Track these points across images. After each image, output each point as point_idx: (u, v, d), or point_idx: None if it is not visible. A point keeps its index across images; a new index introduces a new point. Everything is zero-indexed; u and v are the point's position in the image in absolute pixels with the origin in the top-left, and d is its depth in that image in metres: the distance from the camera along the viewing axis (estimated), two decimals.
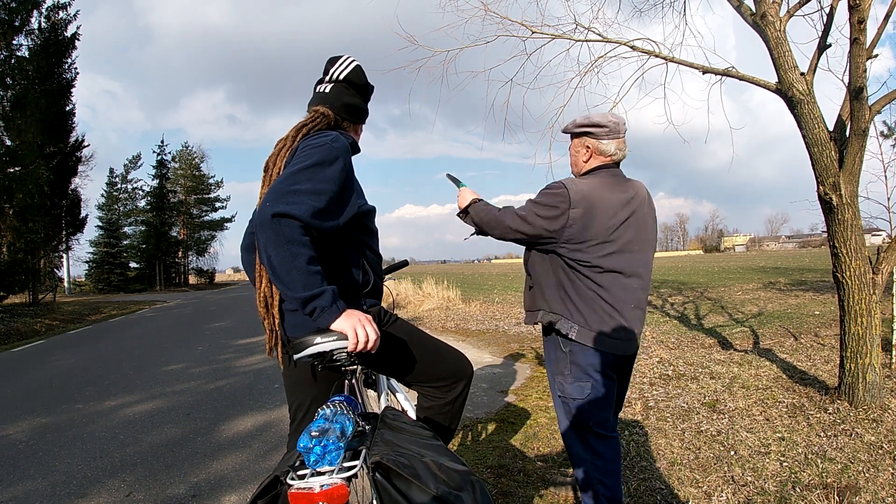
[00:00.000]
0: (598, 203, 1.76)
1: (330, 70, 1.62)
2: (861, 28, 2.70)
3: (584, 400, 1.80)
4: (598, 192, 1.78)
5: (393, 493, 1.03)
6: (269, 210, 1.19)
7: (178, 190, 39.73)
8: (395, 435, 1.20)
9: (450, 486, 1.04)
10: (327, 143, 1.39)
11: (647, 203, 1.90)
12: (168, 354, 7.01)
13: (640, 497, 2.28)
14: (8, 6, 13.38)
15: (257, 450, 3.18)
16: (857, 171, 3.05)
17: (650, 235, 1.89)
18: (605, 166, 1.88)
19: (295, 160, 1.34)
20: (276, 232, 1.19)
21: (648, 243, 1.87)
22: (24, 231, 14.61)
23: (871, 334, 3.08)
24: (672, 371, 4.31)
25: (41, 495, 2.66)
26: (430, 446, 1.19)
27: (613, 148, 1.86)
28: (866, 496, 2.18)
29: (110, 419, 3.97)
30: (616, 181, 1.85)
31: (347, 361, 1.33)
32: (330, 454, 1.04)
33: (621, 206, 1.79)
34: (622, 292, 1.78)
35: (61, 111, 16.90)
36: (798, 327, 6.04)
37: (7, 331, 10.53)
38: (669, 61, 4.01)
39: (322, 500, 1.01)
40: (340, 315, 1.25)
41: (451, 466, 1.10)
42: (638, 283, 1.81)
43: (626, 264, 1.78)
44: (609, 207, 1.77)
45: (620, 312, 1.78)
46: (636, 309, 1.81)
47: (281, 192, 1.23)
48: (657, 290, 11.96)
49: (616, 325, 1.77)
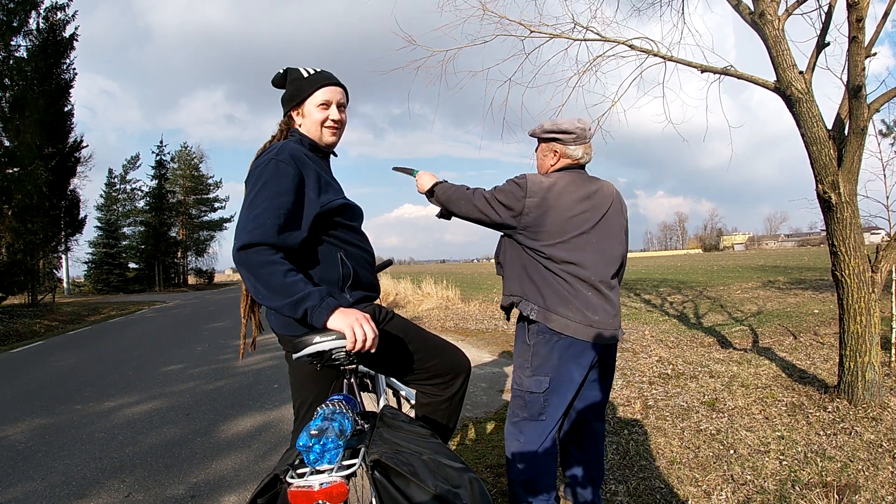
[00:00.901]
0: (556, 196, 1.83)
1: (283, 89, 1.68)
2: (859, 26, 2.70)
3: (541, 394, 1.82)
4: (557, 187, 1.85)
5: (392, 491, 1.04)
6: (236, 246, 1.29)
7: (177, 190, 39.74)
8: (394, 433, 1.20)
9: (448, 484, 1.04)
10: (271, 159, 1.41)
11: (615, 202, 1.96)
12: (167, 355, 7.00)
13: (640, 496, 2.28)
14: (6, 7, 13.36)
15: (257, 450, 3.18)
16: (855, 169, 3.05)
17: (615, 231, 1.93)
18: (570, 167, 1.95)
19: (248, 188, 1.40)
20: (248, 262, 1.28)
21: (613, 239, 1.92)
22: (23, 232, 14.58)
23: (870, 333, 3.08)
24: (671, 370, 4.31)
25: (40, 496, 2.65)
26: (429, 444, 1.19)
27: (581, 153, 1.93)
28: (866, 494, 2.18)
29: (109, 420, 3.97)
30: (580, 179, 1.92)
31: (346, 360, 1.33)
32: (329, 452, 1.05)
33: (580, 201, 1.85)
34: (580, 284, 1.81)
35: (60, 112, 16.88)
36: (797, 326, 6.04)
37: (6, 332, 10.52)
38: (668, 60, 4.01)
39: (321, 498, 1.01)
40: (333, 312, 1.26)
41: (449, 464, 1.10)
42: (597, 276, 1.84)
43: (583, 258, 1.82)
44: (567, 202, 1.84)
45: (580, 299, 1.81)
46: (600, 299, 1.84)
47: (242, 226, 1.31)
48: (656, 289, 11.97)
49: (576, 309, 1.80)
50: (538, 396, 1.82)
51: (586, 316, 1.80)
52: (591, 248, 1.85)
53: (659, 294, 10.75)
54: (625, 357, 4.95)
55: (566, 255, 1.81)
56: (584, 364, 1.83)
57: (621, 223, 1.98)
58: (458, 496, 1.03)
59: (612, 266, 1.90)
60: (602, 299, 1.84)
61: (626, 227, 2.03)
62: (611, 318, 1.85)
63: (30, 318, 12.63)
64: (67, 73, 17.09)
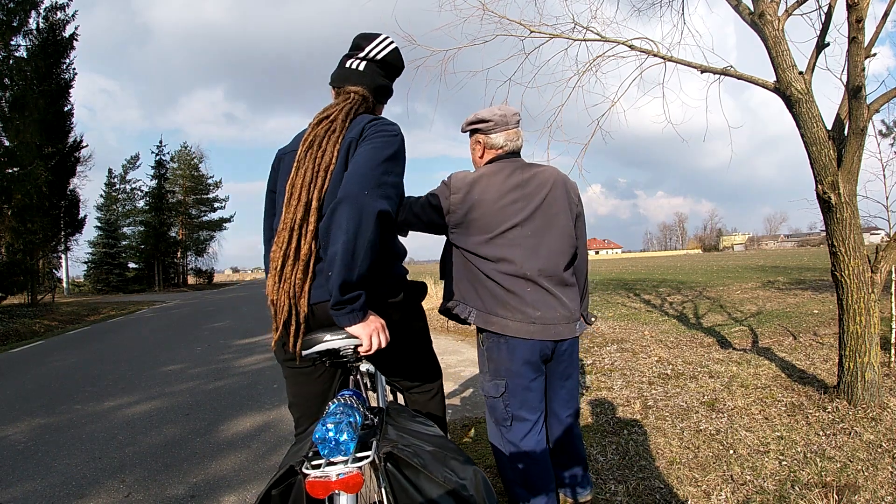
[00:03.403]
0: (481, 190, 1.79)
1: (365, 47, 1.56)
2: (859, 27, 2.70)
3: (499, 398, 1.80)
4: (484, 179, 1.80)
5: (403, 481, 1.08)
6: (375, 206, 1.21)
7: (177, 190, 39.71)
8: (401, 427, 1.24)
9: (455, 476, 1.09)
10: (398, 134, 1.41)
11: (554, 188, 1.85)
12: (167, 355, 7.00)
13: (639, 496, 2.28)
14: (6, 6, 13.35)
15: (256, 450, 3.18)
16: (855, 169, 3.05)
17: (558, 220, 1.84)
18: (498, 157, 1.90)
19: (372, 143, 1.34)
20: (376, 227, 1.21)
21: (555, 228, 1.83)
22: (23, 232, 14.59)
23: (869, 333, 3.09)
24: (671, 370, 4.31)
25: (39, 496, 2.65)
26: (434, 438, 1.23)
27: (503, 140, 1.88)
28: (865, 495, 2.18)
29: (109, 420, 3.97)
30: (510, 168, 1.84)
31: (353, 357, 1.35)
32: (343, 444, 1.07)
33: (509, 191, 1.79)
34: (514, 281, 1.76)
35: (60, 112, 16.88)
36: (797, 326, 6.05)
37: (6, 331, 10.51)
38: (668, 60, 4.01)
39: (338, 487, 1.05)
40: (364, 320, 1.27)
41: (454, 457, 1.15)
42: (535, 270, 1.77)
43: (516, 252, 1.76)
44: (494, 194, 1.78)
45: (518, 296, 1.75)
46: (541, 294, 1.78)
47: (376, 183, 1.25)
48: (656, 289, 11.98)
49: (513, 308, 1.75)
50: (498, 401, 1.81)
51: (526, 314, 1.74)
52: (526, 240, 1.77)
53: (658, 294, 10.76)
54: (624, 357, 4.95)
55: (498, 252, 1.76)
56: (535, 362, 1.78)
57: (566, 210, 1.86)
58: (465, 487, 1.07)
59: (556, 258, 1.81)
60: (544, 294, 1.78)
61: (578, 212, 1.91)
62: (557, 313, 1.78)
63: (29, 318, 12.62)
64: (67, 72, 17.08)
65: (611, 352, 5.26)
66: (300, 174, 1.37)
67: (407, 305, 1.52)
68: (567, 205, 1.87)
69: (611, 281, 15.88)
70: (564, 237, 1.84)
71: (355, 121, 1.44)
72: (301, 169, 1.37)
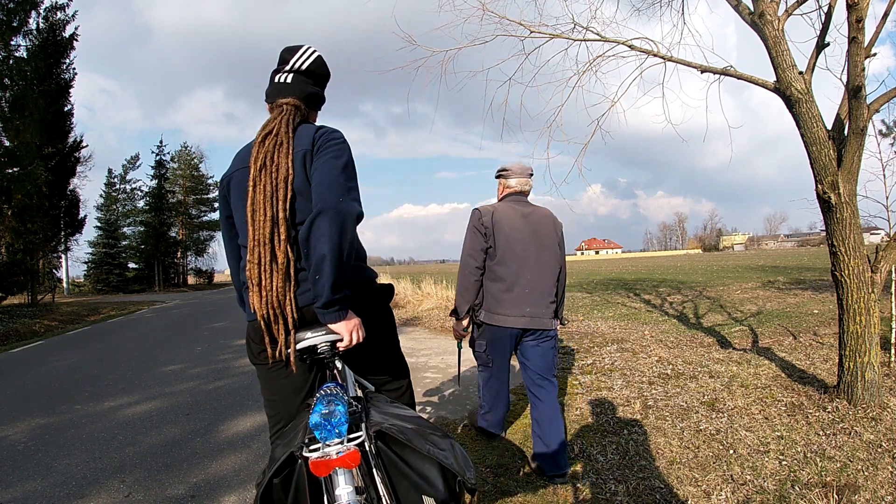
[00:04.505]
0: (499, 216, 2.67)
1: (290, 60, 1.63)
2: (859, 27, 2.70)
3: (483, 352, 2.75)
4: (499, 211, 2.69)
5: (392, 455, 1.24)
6: (353, 209, 1.35)
7: (177, 190, 39.70)
8: (383, 410, 1.40)
9: (436, 448, 1.24)
10: (345, 140, 1.51)
11: (547, 221, 2.73)
12: (167, 355, 7.00)
13: (640, 496, 2.28)
14: (6, 7, 13.33)
15: (256, 450, 3.18)
16: (855, 169, 3.05)
17: (547, 242, 2.69)
18: (511, 194, 2.79)
19: (329, 153, 1.43)
20: (354, 227, 1.37)
21: (545, 248, 2.67)
22: (23, 232, 14.57)
23: (869, 333, 3.09)
24: (671, 370, 4.31)
25: (40, 496, 2.65)
26: (412, 418, 1.39)
27: (515, 183, 2.78)
28: (865, 494, 2.18)
29: (109, 420, 3.97)
30: (518, 204, 2.75)
31: (331, 354, 1.45)
32: (338, 427, 1.19)
33: (519, 218, 2.68)
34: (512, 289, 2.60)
35: (60, 112, 16.86)
36: (797, 326, 6.05)
37: (6, 331, 10.51)
38: (668, 60, 4.01)
39: (338, 464, 1.17)
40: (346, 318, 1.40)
41: (433, 432, 1.31)
42: (530, 276, 2.61)
43: (518, 265, 2.61)
44: (510, 219, 2.67)
45: (508, 299, 2.60)
46: (525, 292, 2.59)
47: (346, 190, 1.37)
48: (656, 289, 11.98)
49: (500, 307, 2.61)
50: (482, 354, 2.76)
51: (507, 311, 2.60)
52: (527, 253, 2.62)
53: (659, 294, 10.76)
54: (625, 357, 4.95)
55: (505, 274, 2.62)
56: (509, 340, 2.64)
57: (552, 236, 2.71)
58: (446, 457, 1.24)
59: (549, 265, 2.66)
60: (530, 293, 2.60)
61: (560, 240, 2.75)
62: (529, 309, 2.58)
63: (29, 318, 12.62)
64: (67, 72, 17.05)
65: (611, 352, 5.26)
66: (259, 191, 1.42)
67: (378, 306, 1.65)
68: (554, 233, 2.73)
69: (611, 281, 15.88)
70: (551, 253, 2.69)
71: (300, 131, 1.50)
72: (259, 185, 1.43)
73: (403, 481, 1.24)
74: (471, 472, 1.25)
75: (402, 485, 1.24)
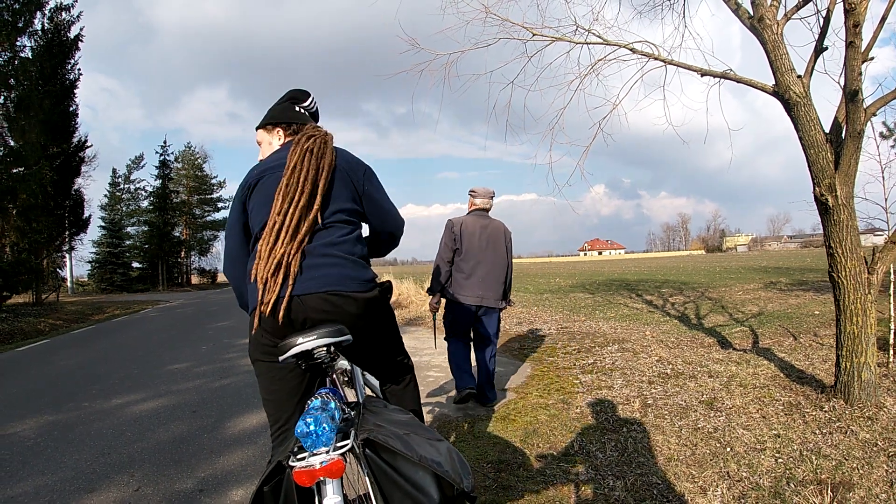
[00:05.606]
0: (465, 226, 3.78)
1: (305, 102, 1.86)
2: (857, 32, 2.74)
3: (448, 322, 3.84)
4: (466, 223, 3.80)
5: (382, 464, 1.22)
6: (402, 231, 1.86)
7: (181, 190, 39.84)
8: (378, 417, 1.37)
9: (430, 455, 1.20)
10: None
11: (499, 231, 3.85)
12: (172, 354, 7.07)
13: (637, 491, 2.33)
14: (11, 7, 13.43)
15: (263, 446, 3.24)
16: (852, 172, 3.09)
17: (498, 247, 3.81)
18: (476, 210, 3.89)
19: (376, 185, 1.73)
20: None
21: (497, 253, 3.79)
22: (28, 231, 14.68)
23: (866, 333, 3.13)
24: (671, 370, 4.36)
25: (50, 490, 2.72)
26: (410, 424, 1.36)
27: (479, 201, 3.90)
28: (860, 492, 2.22)
29: (117, 417, 4.03)
30: (480, 217, 3.85)
31: (327, 358, 1.43)
32: (324, 436, 1.18)
33: (479, 228, 3.79)
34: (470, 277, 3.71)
35: (64, 112, 16.98)
36: (797, 327, 6.08)
37: (11, 330, 10.61)
38: (668, 64, 4.05)
39: (322, 474, 1.16)
40: None
41: (427, 437, 1.28)
42: (483, 269, 3.73)
43: (475, 261, 3.73)
44: (473, 228, 3.78)
45: (467, 285, 3.71)
46: (479, 281, 3.70)
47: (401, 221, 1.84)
48: (658, 290, 12.00)
49: (462, 290, 3.72)
50: (448, 323, 3.83)
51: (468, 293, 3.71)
52: (483, 256, 3.74)
53: (661, 295, 10.79)
54: (625, 357, 5.00)
55: (466, 267, 3.73)
56: (468, 313, 3.71)
57: (503, 243, 3.84)
58: (440, 464, 1.19)
59: (499, 265, 3.78)
60: (484, 282, 3.71)
61: (508, 244, 3.87)
62: (481, 293, 3.70)
63: (34, 317, 12.73)
64: (72, 73, 17.18)
65: (612, 351, 5.30)
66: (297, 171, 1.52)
67: (381, 303, 1.66)
68: (505, 239, 3.87)
69: (613, 282, 15.90)
70: (500, 256, 3.81)
71: (345, 156, 1.68)
72: (300, 168, 1.52)
73: (396, 491, 1.20)
74: (469, 480, 1.21)
75: (395, 495, 1.20)
